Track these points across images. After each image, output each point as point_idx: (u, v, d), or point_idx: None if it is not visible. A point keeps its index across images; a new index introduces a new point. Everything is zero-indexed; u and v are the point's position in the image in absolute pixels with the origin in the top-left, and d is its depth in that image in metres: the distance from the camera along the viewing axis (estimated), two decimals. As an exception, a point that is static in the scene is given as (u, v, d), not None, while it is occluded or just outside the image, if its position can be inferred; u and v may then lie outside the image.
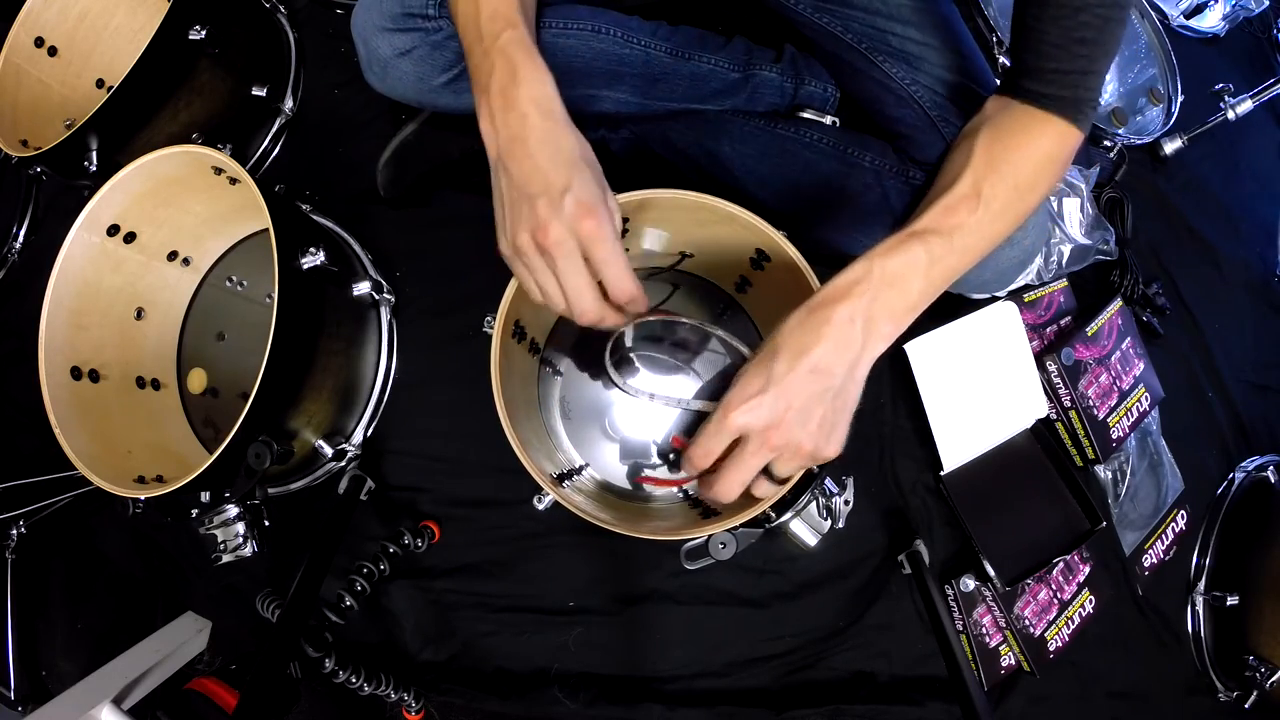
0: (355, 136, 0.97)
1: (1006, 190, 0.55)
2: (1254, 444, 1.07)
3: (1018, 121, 0.57)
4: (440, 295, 0.92)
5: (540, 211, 0.50)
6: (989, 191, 0.55)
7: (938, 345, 0.85)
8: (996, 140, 0.57)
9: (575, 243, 0.50)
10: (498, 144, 0.52)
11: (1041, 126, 0.56)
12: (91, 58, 0.99)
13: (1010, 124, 0.57)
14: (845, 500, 0.78)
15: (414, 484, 0.88)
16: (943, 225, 0.54)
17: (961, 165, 0.56)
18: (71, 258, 0.77)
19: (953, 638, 0.71)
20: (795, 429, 0.50)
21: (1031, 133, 0.56)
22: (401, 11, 0.65)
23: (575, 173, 0.50)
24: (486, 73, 0.52)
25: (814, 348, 0.49)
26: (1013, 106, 0.58)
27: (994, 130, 0.58)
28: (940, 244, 0.53)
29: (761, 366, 0.50)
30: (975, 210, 0.54)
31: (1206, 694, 0.95)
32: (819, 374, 0.50)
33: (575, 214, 0.50)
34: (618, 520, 0.61)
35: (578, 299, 0.52)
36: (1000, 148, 0.56)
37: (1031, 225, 0.72)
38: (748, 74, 0.78)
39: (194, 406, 0.88)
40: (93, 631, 0.96)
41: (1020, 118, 0.57)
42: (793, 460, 0.52)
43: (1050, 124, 0.56)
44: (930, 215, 0.54)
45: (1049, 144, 0.56)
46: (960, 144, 0.60)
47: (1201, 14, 1.26)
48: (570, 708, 0.82)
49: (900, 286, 0.52)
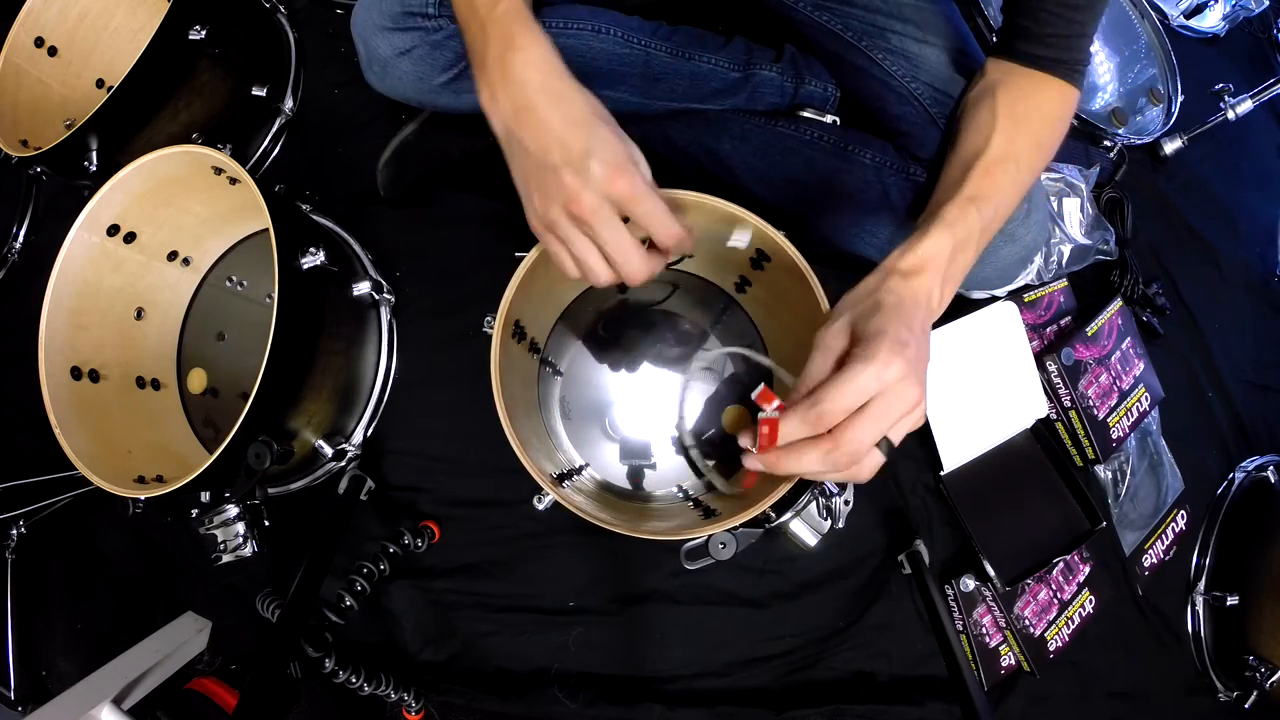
0: (355, 136, 0.97)
1: (1030, 148, 0.58)
2: (1254, 444, 1.07)
3: (1028, 83, 0.60)
4: (440, 295, 0.91)
5: (567, 182, 0.48)
6: (1016, 150, 0.57)
7: (937, 345, 0.85)
8: (1016, 101, 0.59)
9: (611, 206, 0.49)
10: (504, 118, 0.50)
11: (1048, 88, 0.59)
12: (91, 58, 0.99)
13: (1022, 85, 0.60)
14: (845, 500, 0.77)
15: (414, 484, 0.88)
16: (987, 189, 0.55)
17: (989, 127, 0.58)
18: (71, 258, 0.77)
19: (953, 638, 0.71)
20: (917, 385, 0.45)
21: (1041, 94, 0.60)
22: (402, 11, 0.65)
23: (592, 132, 0.48)
24: (483, 45, 0.50)
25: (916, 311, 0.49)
26: (1017, 70, 0.61)
27: (1009, 92, 0.60)
28: (988, 208, 0.55)
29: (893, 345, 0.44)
30: (1009, 171, 0.56)
31: (1206, 694, 0.95)
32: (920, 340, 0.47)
33: (604, 177, 0.48)
34: (618, 520, 0.61)
35: (626, 261, 0.51)
36: (1021, 108, 0.59)
37: (1033, 222, 0.72)
38: (748, 73, 0.78)
39: (194, 406, 0.88)
40: (93, 631, 0.95)
41: (1029, 80, 0.60)
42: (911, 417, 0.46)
43: (1054, 85, 0.59)
44: (975, 181, 0.55)
45: (1057, 103, 0.60)
46: (977, 107, 0.62)
47: (1201, 14, 1.26)
48: (570, 708, 0.82)
49: (965, 252, 0.54)
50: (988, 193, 0.55)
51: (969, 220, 0.53)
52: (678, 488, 0.79)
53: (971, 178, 0.55)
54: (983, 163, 0.56)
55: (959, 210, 0.53)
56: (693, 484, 0.80)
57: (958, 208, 0.54)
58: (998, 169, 0.56)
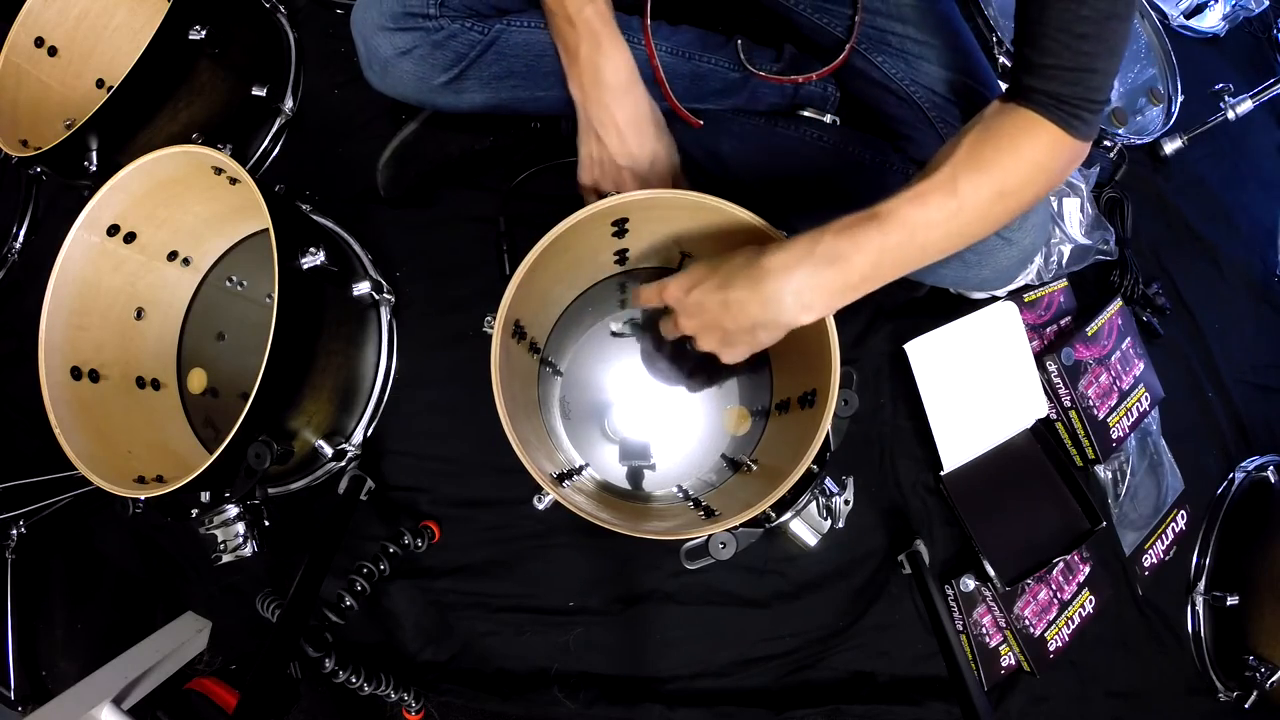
0: (355, 136, 0.97)
1: (989, 192, 0.53)
2: (1254, 444, 1.07)
3: (1010, 123, 0.53)
4: (440, 295, 0.91)
5: (626, 178, 0.70)
6: (967, 188, 0.52)
7: (938, 345, 0.85)
8: (986, 140, 0.53)
9: None
10: (588, 110, 0.67)
11: (1034, 131, 0.52)
12: (91, 58, 0.99)
13: (1002, 125, 0.54)
14: (845, 500, 0.77)
15: (414, 484, 0.88)
16: (907, 214, 0.52)
17: (944, 158, 0.54)
18: (71, 258, 0.77)
19: (953, 638, 0.71)
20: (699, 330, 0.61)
21: (1022, 137, 0.52)
22: (402, 11, 0.65)
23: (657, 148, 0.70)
24: (574, 41, 0.64)
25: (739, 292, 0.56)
26: (1009, 108, 0.54)
27: (985, 129, 0.54)
28: (899, 232, 0.52)
29: (698, 274, 0.60)
30: (947, 204, 0.52)
31: (1206, 694, 0.95)
32: (731, 310, 0.57)
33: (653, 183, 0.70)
34: (618, 520, 0.60)
35: None
36: (989, 148, 0.53)
37: (1031, 225, 0.72)
38: (748, 73, 0.78)
39: (194, 406, 0.88)
40: (93, 631, 0.96)
41: (1014, 119, 0.53)
42: (700, 344, 0.62)
43: (1042, 129, 0.52)
44: (897, 200, 0.53)
45: (1039, 151, 0.52)
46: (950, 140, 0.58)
47: (1201, 14, 1.26)
48: (570, 708, 0.82)
49: (841, 266, 0.52)
50: (906, 218, 0.52)
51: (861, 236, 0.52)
52: (678, 488, 0.79)
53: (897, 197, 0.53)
54: (918, 187, 0.53)
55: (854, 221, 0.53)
56: (693, 484, 0.79)
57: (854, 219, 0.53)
58: (934, 197, 0.52)
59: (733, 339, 0.60)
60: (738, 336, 0.59)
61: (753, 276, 0.55)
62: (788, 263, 0.54)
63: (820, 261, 0.53)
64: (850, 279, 0.53)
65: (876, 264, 0.53)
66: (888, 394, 0.90)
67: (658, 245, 0.75)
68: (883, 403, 0.90)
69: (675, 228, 0.71)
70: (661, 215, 0.68)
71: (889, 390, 0.90)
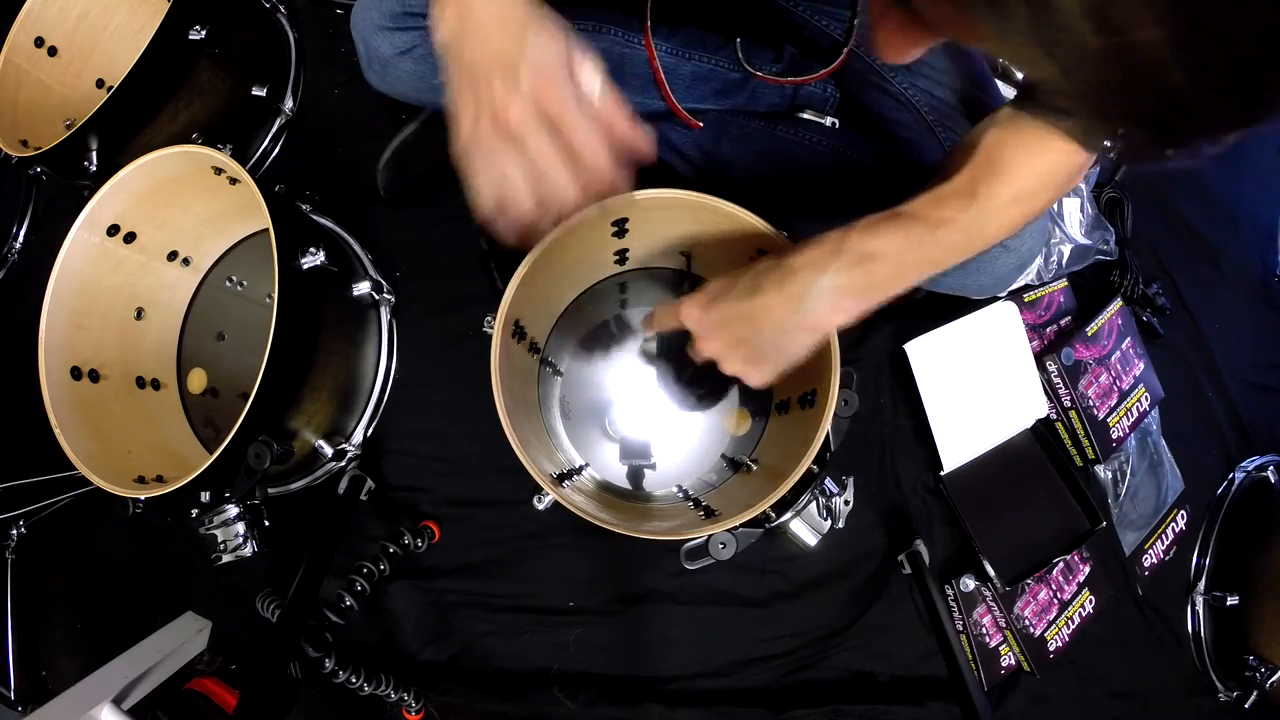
0: (355, 136, 0.97)
1: (1005, 197, 0.53)
2: (1254, 444, 1.07)
3: (1026, 131, 0.53)
4: (440, 295, 0.92)
5: (496, 92, 0.43)
6: (985, 192, 0.53)
7: (938, 345, 0.85)
8: (1003, 145, 0.54)
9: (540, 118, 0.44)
10: (449, 28, 0.45)
11: (1047, 141, 0.52)
12: (91, 58, 0.99)
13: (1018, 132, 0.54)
14: (845, 500, 0.77)
15: (414, 484, 0.88)
16: (929, 215, 0.52)
17: (961, 162, 0.54)
18: (71, 258, 0.77)
19: (953, 638, 0.71)
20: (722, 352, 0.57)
21: (1037, 145, 0.53)
22: (402, 10, 0.65)
23: (529, 38, 0.43)
24: None
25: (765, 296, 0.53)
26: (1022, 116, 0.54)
27: (1001, 134, 0.55)
28: (923, 233, 0.52)
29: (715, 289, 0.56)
30: (967, 208, 0.52)
31: (1206, 694, 0.95)
32: (755, 319, 0.54)
33: (535, 84, 0.43)
34: (618, 520, 0.60)
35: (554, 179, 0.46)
36: (1006, 153, 0.54)
37: (1029, 231, 0.71)
38: (747, 74, 0.78)
39: (194, 406, 0.88)
40: (93, 631, 0.96)
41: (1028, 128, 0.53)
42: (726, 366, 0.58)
43: (1056, 139, 0.52)
44: (919, 202, 0.53)
45: (1053, 160, 0.53)
46: (965, 142, 0.58)
47: (1201, 14, 1.26)
48: (570, 708, 0.82)
49: (869, 266, 0.51)
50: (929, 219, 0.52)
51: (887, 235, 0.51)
52: (678, 488, 0.79)
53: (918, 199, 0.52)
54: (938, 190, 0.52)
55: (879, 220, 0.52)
56: (693, 484, 0.80)
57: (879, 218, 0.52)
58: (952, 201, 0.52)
59: (757, 355, 0.56)
60: (763, 351, 0.55)
61: (779, 277, 0.52)
62: (816, 259, 0.52)
63: (850, 259, 0.51)
64: (876, 278, 0.52)
65: (901, 263, 0.52)
66: (888, 394, 0.90)
67: (658, 245, 0.75)
68: (883, 403, 0.90)
69: (676, 228, 0.71)
70: (662, 215, 0.68)
71: (889, 390, 0.91)
